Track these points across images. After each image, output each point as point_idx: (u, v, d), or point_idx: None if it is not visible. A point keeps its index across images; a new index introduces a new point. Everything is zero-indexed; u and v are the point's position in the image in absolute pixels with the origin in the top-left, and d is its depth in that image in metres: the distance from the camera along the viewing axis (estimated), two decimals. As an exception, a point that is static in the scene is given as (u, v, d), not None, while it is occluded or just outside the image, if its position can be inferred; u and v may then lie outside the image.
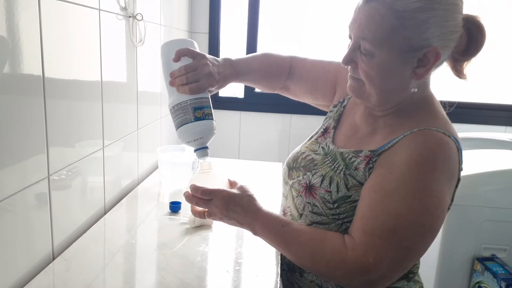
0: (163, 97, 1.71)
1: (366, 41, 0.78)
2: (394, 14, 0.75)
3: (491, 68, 2.16)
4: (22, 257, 0.84)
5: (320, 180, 0.87)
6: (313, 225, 0.87)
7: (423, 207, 0.74)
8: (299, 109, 2.17)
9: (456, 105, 1.03)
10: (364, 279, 0.74)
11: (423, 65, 0.79)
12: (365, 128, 0.91)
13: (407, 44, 0.77)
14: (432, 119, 0.83)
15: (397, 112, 0.86)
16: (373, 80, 0.81)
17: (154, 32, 1.52)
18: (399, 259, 0.74)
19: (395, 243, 0.73)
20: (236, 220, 0.84)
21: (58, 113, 0.91)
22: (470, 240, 1.48)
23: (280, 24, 2.21)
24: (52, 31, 0.87)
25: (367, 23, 0.77)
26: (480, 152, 1.75)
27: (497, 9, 2.11)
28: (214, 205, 0.83)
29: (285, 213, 0.96)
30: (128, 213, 1.18)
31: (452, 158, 0.78)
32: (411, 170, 0.76)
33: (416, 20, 0.75)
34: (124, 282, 0.86)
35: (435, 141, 0.78)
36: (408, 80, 0.81)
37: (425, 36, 0.76)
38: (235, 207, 0.82)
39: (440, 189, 0.76)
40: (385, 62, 0.79)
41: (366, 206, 0.78)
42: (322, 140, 0.98)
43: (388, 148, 0.81)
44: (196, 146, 0.89)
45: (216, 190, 0.84)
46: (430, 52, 0.77)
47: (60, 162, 0.94)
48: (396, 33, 0.76)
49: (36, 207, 0.87)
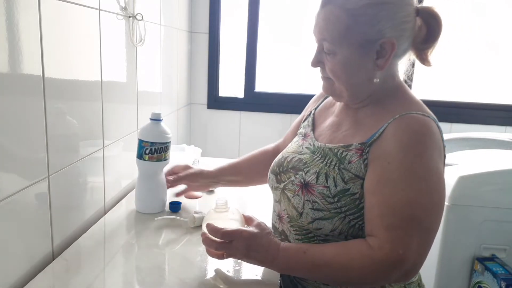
0: (163, 97, 1.71)
1: (326, 42, 0.86)
2: (347, 12, 0.83)
3: (491, 68, 2.17)
4: (22, 257, 0.84)
5: (315, 177, 0.88)
6: (316, 222, 0.86)
7: (429, 187, 0.78)
8: (299, 109, 2.16)
9: (456, 105, 1.07)
10: (400, 272, 0.76)
11: (382, 56, 0.85)
12: (346, 122, 0.95)
13: (363, 38, 0.84)
14: (408, 104, 0.88)
15: (373, 103, 0.91)
16: (340, 76, 0.88)
17: (154, 32, 1.52)
18: (424, 242, 0.77)
19: (416, 228, 0.76)
20: (257, 260, 0.83)
21: (58, 113, 0.91)
22: (470, 240, 1.48)
23: (280, 24, 2.21)
24: (52, 31, 0.87)
25: (325, 25, 0.86)
26: (480, 152, 1.75)
27: (497, 9, 2.11)
28: (235, 247, 0.82)
29: (281, 217, 0.95)
30: (128, 213, 1.18)
31: (436, 135, 0.83)
32: (406, 156, 0.80)
33: (367, 16, 0.82)
34: (124, 282, 0.86)
35: (417, 123, 0.83)
36: (372, 72, 0.87)
37: (378, 29, 0.83)
38: (256, 247, 0.82)
39: (436, 165, 0.81)
40: (346, 58, 0.85)
41: (380, 202, 0.79)
42: (304, 142, 1.00)
43: (376, 138, 0.85)
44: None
45: (236, 231, 0.83)
46: (385, 43, 0.84)
47: (60, 162, 0.94)
48: (351, 30, 0.83)
49: (36, 207, 0.87)
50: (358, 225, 0.85)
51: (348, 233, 0.85)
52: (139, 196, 1.17)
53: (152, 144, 1.10)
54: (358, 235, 0.85)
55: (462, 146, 1.79)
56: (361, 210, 0.84)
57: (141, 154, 1.11)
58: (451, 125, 2.14)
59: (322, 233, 0.87)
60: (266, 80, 2.24)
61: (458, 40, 2.12)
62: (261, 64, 2.20)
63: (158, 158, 1.11)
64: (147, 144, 1.10)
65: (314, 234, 0.88)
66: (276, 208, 0.99)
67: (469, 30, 2.11)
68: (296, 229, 0.91)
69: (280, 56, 2.24)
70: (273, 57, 2.23)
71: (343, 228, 0.85)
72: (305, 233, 0.89)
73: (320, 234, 0.87)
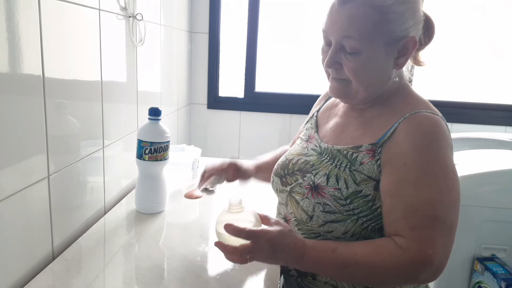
0: (163, 97, 1.71)
1: (351, 39, 0.82)
2: (376, 10, 0.81)
3: (491, 68, 2.16)
4: (22, 257, 0.84)
5: (325, 179, 0.86)
6: (327, 225, 0.85)
7: (447, 185, 0.79)
8: (299, 109, 2.17)
9: (456, 105, 1.09)
10: (428, 273, 0.76)
11: (403, 55, 0.85)
12: (352, 123, 0.93)
13: (389, 36, 0.83)
14: (416, 103, 0.87)
15: (380, 103, 0.90)
16: (361, 77, 0.86)
17: (154, 32, 1.52)
18: (448, 240, 0.77)
19: (441, 227, 0.76)
20: (283, 260, 0.79)
21: (58, 113, 0.91)
22: (470, 240, 1.48)
23: (280, 24, 2.21)
24: (52, 31, 0.87)
25: (351, 22, 0.82)
26: (480, 152, 1.75)
27: (497, 10, 2.11)
28: (259, 248, 0.76)
29: (287, 220, 0.94)
30: (128, 213, 1.18)
31: (447, 133, 0.83)
32: (422, 155, 0.79)
33: (395, 14, 0.81)
34: (124, 282, 0.86)
35: (429, 121, 0.82)
36: (391, 70, 0.87)
37: (404, 27, 0.83)
38: (282, 246, 0.77)
39: (450, 162, 0.81)
40: (371, 57, 0.84)
41: (401, 204, 0.79)
42: (309, 144, 0.99)
43: (387, 138, 0.83)
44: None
45: (262, 231, 0.77)
46: (409, 42, 0.84)
47: (60, 162, 0.94)
48: (379, 28, 0.82)
49: (36, 207, 0.87)
50: (371, 227, 0.84)
51: (360, 235, 0.84)
52: (139, 196, 1.17)
53: (152, 144, 1.10)
54: (370, 237, 0.84)
55: (462, 146, 1.79)
56: (374, 212, 0.83)
57: (140, 154, 1.11)
58: (451, 125, 2.14)
59: (333, 235, 0.86)
60: (266, 80, 2.24)
61: (458, 39, 2.11)
62: (261, 64, 2.20)
63: (158, 158, 1.12)
64: (147, 144, 1.10)
65: (324, 237, 0.87)
66: (281, 210, 0.97)
67: (469, 30, 2.11)
68: (304, 232, 0.90)
69: (280, 56, 2.24)
70: (273, 57, 2.23)
71: (355, 230, 0.84)
72: (314, 236, 0.88)
73: (331, 237, 0.86)
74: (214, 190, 1.37)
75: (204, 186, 1.29)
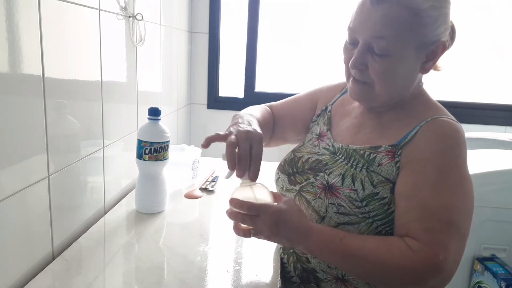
0: (163, 97, 1.71)
1: (382, 40, 0.79)
2: (411, 12, 0.78)
3: (491, 68, 2.16)
4: (22, 257, 0.84)
5: (340, 179, 0.84)
6: (340, 227, 0.83)
7: (464, 192, 0.78)
8: (299, 109, 2.17)
9: (456, 105, 1.09)
10: (437, 279, 0.73)
11: (431, 59, 0.84)
12: (369, 125, 0.91)
13: (421, 40, 0.81)
14: (435, 109, 0.87)
15: (400, 106, 0.89)
16: (387, 80, 0.83)
17: (154, 32, 1.52)
18: (460, 248, 0.76)
19: (455, 233, 0.75)
20: (286, 238, 0.77)
21: (58, 113, 0.91)
22: (470, 240, 1.45)
23: (280, 24, 2.21)
24: (52, 31, 0.87)
25: (384, 23, 0.79)
26: (480, 152, 1.75)
27: (499, 10, 2.11)
28: (262, 222, 0.76)
29: None
30: (128, 213, 1.18)
31: (465, 140, 0.83)
32: (444, 160, 0.79)
33: (430, 18, 0.80)
34: (124, 282, 0.86)
35: (450, 127, 0.82)
36: (417, 75, 0.86)
37: (437, 32, 0.82)
38: (285, 223, 0.76)
39: (467, 170, 0.80)
40: (400, 60, 0.81)
41: (417, 206, 0.77)
42: (320, 142, 0.96)
43: (408, 141, 0.82)
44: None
45: (264, 205, 0.77)
46: (438, 46, 0.83)
47: (60, 162, 0.94)
48: (413, 31, 0.80)
49: (36, 207, 0.87)
50: (385, 231, 0.82)
51: None
52: (139, 196, 1.17)
53: (152, 144, 1.10)
54: None
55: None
56: (389, 216, 0.81)
57: (140, 154, 1.11)
58: (451, 125, 2.13)
59: None
60: (266, 80, 2.24)
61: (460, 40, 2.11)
62: (261, 64, 2.20)
63: (158, 158, 1.12)
64: (147, 144, 1.10)
65: None
66: None
67: (471, 30, 2.11)
68: None
69: (280, 56, 2.24)
70: (273, 57, 2.23)
71: (369, 234, 0.82)
72: None
73: None
74: (214, 190, 1.37)
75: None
